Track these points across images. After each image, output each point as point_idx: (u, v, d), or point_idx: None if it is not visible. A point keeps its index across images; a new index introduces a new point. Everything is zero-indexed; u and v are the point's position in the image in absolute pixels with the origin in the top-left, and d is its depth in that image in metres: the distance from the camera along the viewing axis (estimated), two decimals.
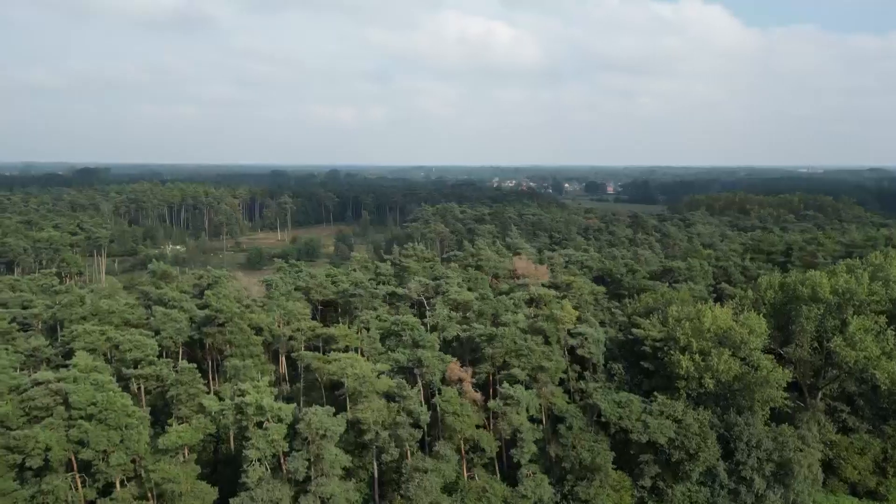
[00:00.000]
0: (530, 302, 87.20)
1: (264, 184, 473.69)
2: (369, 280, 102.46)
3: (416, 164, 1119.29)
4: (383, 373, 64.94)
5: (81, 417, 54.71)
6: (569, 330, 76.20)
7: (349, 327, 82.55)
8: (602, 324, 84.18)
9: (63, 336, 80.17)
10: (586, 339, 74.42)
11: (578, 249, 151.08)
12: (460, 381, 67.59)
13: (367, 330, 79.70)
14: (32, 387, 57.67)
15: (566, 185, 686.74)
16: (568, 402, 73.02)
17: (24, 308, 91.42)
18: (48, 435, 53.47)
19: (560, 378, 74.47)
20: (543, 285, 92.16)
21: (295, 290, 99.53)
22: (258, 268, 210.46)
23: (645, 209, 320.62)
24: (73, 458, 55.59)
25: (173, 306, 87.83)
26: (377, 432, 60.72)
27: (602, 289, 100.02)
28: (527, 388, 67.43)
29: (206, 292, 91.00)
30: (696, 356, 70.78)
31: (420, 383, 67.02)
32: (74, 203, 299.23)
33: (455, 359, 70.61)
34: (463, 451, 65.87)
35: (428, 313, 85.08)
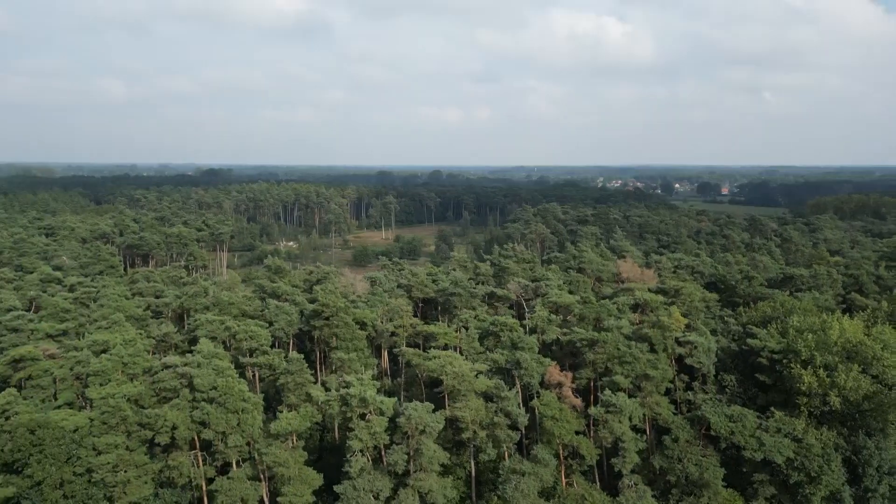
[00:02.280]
0: (635, 307, 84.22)
1: (371, 184, 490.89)
2: (468, 279, 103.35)
3: (518, 164, 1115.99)
4: (481, 373, 65.15)
5: (204, 400, 59.20)
6: (677, 338, 72.91)
7: (448, 326, 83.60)
8: (713, 332, 79.76)
9: (189, 324, 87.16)
10: (695, 347, 70.86)
11: (689, 253, 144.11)
12: (560, 385, 66.49)
13: (466, 329, 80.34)
14: (162, 370, 63.21)
15: (677, 185, 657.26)
16: (674, 413, 69.90)
17: (157, 297, 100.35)
18: (175, 415, 58.29)
19: (666, 388, 71.41)
20: (650, 290, 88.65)
21: (397, 287, 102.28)
22: (363, 265, 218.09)
23: (763, 212, 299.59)
24: (195, 438, 60.22)
25: (286, 300, 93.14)
26: (475, 431, 61.04)
27: (714, 296, 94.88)
28: (630, 396, 65.26)
29: (315, 287, 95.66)
30: (821, 371, 65.38)
31: (518, 385, 66.63)
32: (201, 202, 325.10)
33: (554, 362, 69.60)
34: (561, 457, 64.73)
35: (527, 315, 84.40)
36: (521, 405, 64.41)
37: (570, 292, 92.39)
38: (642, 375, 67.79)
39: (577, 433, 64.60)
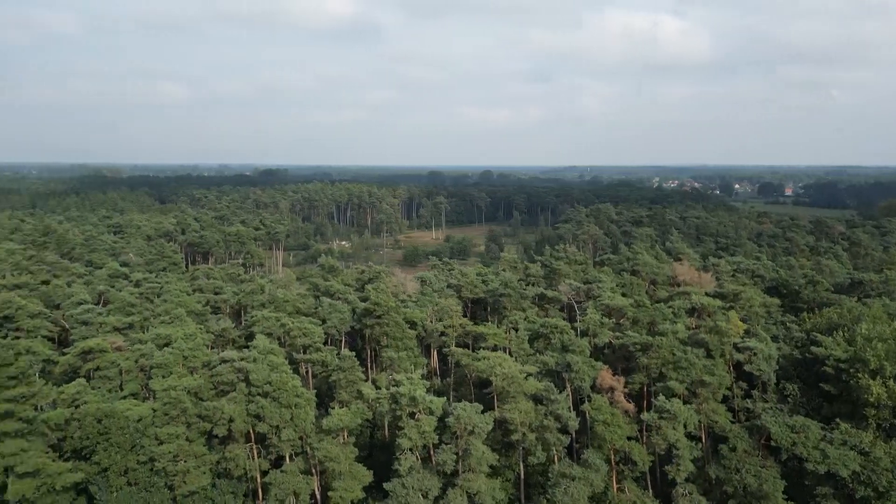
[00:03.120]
0: (692, 312, 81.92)
1: (422, 184, 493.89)
2: (519, 280, 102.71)
3: (571, 164, 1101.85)
4: (531, 375, 64.69)
5: (259, 394, 60.90)
6: (735, 344, 70.55)
7: (498, 326, 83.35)
8: (774, 339, 76.77)
9: (246, 320, 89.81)
10: (755, 354, 68.35)
11: (749, 257, 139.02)
12: (612, 389, 65.35)
13: (516, 330, 79.95)
14: (220, 364, 65.38)
15: (736, 186, 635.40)
16: (732, 422, 67.66)
17: (216, 294, 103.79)
18: (232, 408, 60.20)
19: (724, 395, 69.17)
20: (707, 294, 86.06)
21: (447, 287, 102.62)
22: (414, 264, 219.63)
23: (830, 214, 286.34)
24: (251, 431, 62.04)
25: (338, 298, 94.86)
26: (524, 434, 60.64)
27: (776, 301, 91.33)
28: (685, 402, 63.52)
29: (366, 286, 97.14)
30: (891, 382, 62.01)
31: (569, 388, 65.82)
32: (258, 201, 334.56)
33: (606, 366, 68.47)
34: (613, 462, 63.60)
35: (578, 317, 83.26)
36: (572, 409, 63.62)
37: (624, 295, 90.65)
38: (698, 381, 65.88)
39: (629, 439, 63.36)
